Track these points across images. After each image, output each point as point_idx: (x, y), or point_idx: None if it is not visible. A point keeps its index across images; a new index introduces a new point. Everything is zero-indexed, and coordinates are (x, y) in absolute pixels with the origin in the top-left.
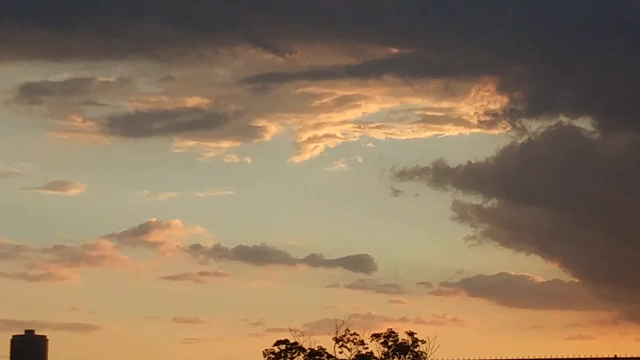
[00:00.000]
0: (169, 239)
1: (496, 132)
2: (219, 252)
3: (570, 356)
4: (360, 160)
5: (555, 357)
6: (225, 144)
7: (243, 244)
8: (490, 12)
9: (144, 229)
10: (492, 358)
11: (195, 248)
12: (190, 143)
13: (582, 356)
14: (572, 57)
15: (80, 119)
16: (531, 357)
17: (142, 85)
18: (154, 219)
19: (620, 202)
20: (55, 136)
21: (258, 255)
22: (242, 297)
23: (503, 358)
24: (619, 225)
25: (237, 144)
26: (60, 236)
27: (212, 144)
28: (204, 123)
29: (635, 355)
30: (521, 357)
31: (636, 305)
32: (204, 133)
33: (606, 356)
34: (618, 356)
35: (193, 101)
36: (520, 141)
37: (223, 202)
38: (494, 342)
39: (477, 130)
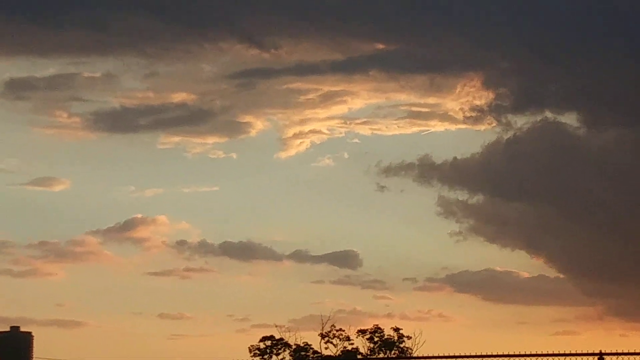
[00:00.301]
0: (155, 235)
1: (482, 127)
2: (204, 248)
3: (556, 351)
4: (346, 155)
5: (540, 352)
6: (211, 140)
7: (229, 239)
8: (476, 8)
9: (129, 224)
10: (477, 354)
11: (181, 244)
12: (176, 139)
13: (567, 351)
14: (557, 53)
15: (65, 115)
16: (516, 353)
17: (128, 80)
18: (139, 215)
19: (605, 197)
20: (41, 132)
21: (244, 251)
22: (227, 293)
23: (488, 353)
24: (604, 221)
25: (223, 139)
26: (46, 232)
27: (198, 140)
28: (190, 119)
29: (620, 350)
30: (506, 353)
31: (621, 301)
32: (190, 129)
33: (591, 351)
34: (603, 351)
35: (179, 97)
36: (505, 137)
37: (209, 198)
38: (480, 337)
39: (462, 126)
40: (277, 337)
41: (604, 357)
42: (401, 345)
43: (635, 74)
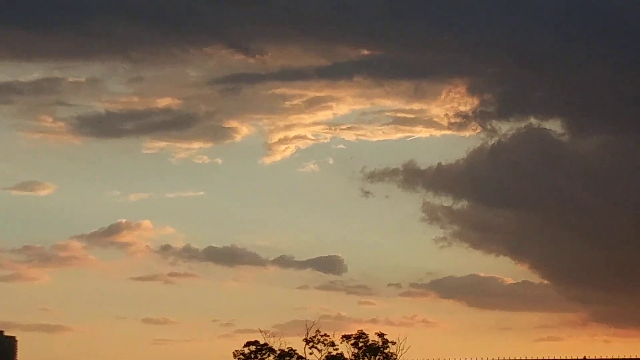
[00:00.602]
0: (139, 240)
1: (466, 133)
2: (189, 253)
3: (540, 357)
4: (331, 161)
5: (524, 358)
6: (196, 145)
7: (213, 244)
8: (461, 14)
9: (114, 229)
10: (461, 359)
11: (165, 249)
12: (161, 144)
13: (551, 357)
14: (542, 60)
15: (50, 119)
16: (500, 358)
17: (113, 85)
18: (124, 220)
19: (589, 204)
20: (26, 136)
21: (228, 256)
22: (212, 298)
23: (473, 359)
24: (588, 227)
25: (208, 144)
26: (30, 237)
27: (183, 145)
28: (175, 124)
29: (604, 357)
30: (490, 358)
31: (605, 307)
32: (175, 134)
33: (575, 357)
34: (587, 357)
35: (164, 102)
36: (490, 143)
37: (193, 203)
38: (464, 343)
39: (447, 132)
40: (262, 342)
41: None
42: (386, 351)
43: (619, 81)
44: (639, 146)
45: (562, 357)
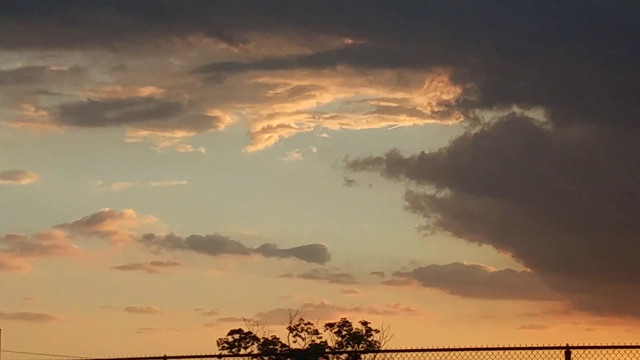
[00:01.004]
0: (122, 229)
1: (450, 122)
2: (172, 241)
3: (523, 345)
4: (314, 150)
5: (507, 346)
6: (179, 134)
7: (196, 233)
8: (444, 3)
9: (97, 218)
10: (445, 347)
11: (149, 238)
12: (144, 133)
13: (534, 345)
14: (525, 49)
15: (33, 108)
16: (483, 346)
17: (96, 74)
18: (107, 209)
19: (572, 193)
20: (8, 125)
21: (211, 245)
22: (195, 287)
23: (456, 347)
24: (571, 216)
25: (191, 133)
26: (13, 226)
27: (166, 134)
28: (158, 113)
29: (587, 344)
30: (474, 346)
31: (588, 295)
32: (158, 123)
33: (558, 345)
34: (570, 345)
35: (147, 90)
36: (473, 132)
37: (177, 192)
38: (447, 331)
39: (430, 121)
40: (245, 330)
41: (571, 350)
42: (369, 339)
43: (602, 70)
44: (623, 135)
45: (545, 345)
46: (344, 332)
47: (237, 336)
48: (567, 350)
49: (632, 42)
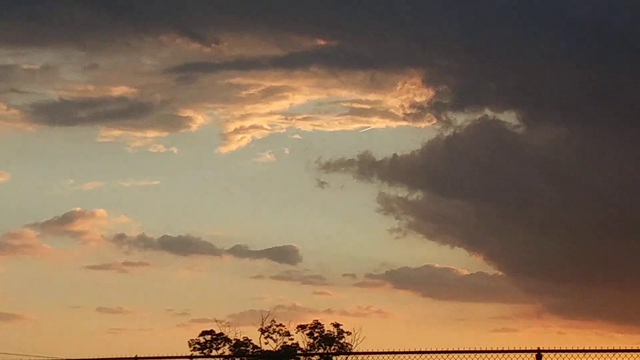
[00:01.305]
0: (93, 229)
1: (422, 125)
2: (143, 242)
3: (494, 348)
4: (287, 151)
5: (479, 349)
6: (151, 134)
7: (168, 234)
8: (417, 5)
9: (68, 218)
10: (416, 349)
11: (120, 237)
12: (116, 132)
13: (505, 348)
14: (497, 51)
15: (4, 107)
16: (455, 349)
17: (67, 73)
18: (78, 208)
19: (544, 195)
20: None
21: (183, 246)
22: (167, 287)
23: (428, 349)
24: (542, 219)
25: (164, 134)
26: None
27: (138, 134)
28: (130, 112)
29: (558, 348)
30: (445, 349)
31: (559, 299)
32: (130, 122)
33: (529, 348)
34: (541, 348)
35: (119, 90)
36: (445, 134)
37: (148, 192)
38: (419, 333)
39: (403, 123)
40: (217, 331)
41: (542, 354)
42: (341, 341)
43: (574, 73)
44: (595, 137)
45: (516, 348)
46: (315, 334)
47: (208, 337)
48: (539, 353)
49: (605, 43)
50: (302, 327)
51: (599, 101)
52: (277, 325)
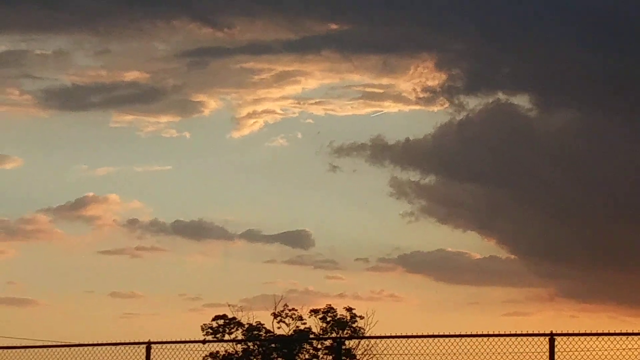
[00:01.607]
0: (106, 214)
1: (434, 109)
2: (156, 227)
3: (507, 332)
4: (299, 136)
5: (492, 332)
6: (164, 119)
7: (181, 218)
8: None
9: (80, 203)
10: (429, 333)
11: (132, 223)
12: (129, 117)
13: (518, 332)
14: (510, 35)
15: (17, 92)
16: (468, 333)
17: (80, 58)
18: (91, 194)
19: (556, 179)
20: None
21: (195, 230)
22: (180, 272)
23: (440, 333)
24: (555, 203)
25: (177, 118)
26: None
27: (151, 119)
28: (142, 97)
29: (570, 331)
30: (457, 333)
31: (572, 282)
32: (143, 107)
33: (542, 332)
34: (554, 332)
35: (131, 75)
36: (458, 118)
37: (161, 177)
38: (432, 318)
39: (415, 107)
40: (230, 316)
41: (555, 337)
42: (354, 325)
43: (587, 57)
44: (608, 122)
45: (529, 332)
46: (328, 318)
47: (221, 322)
48: (552, 337)
49: (617, 28)
50: (314, 312)
51: (612, 86)
52: (289, 310)
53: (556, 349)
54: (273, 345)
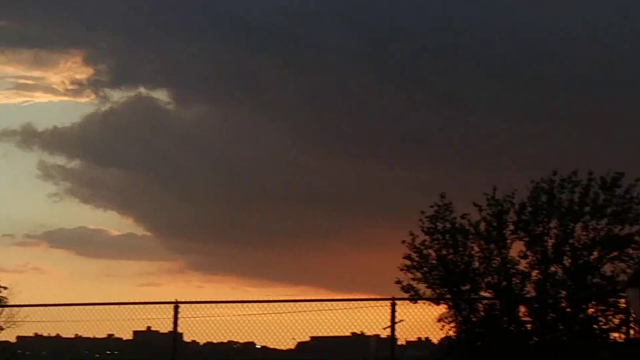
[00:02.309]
0: None
1: (82, 100)
2: None
3: (140, 300)
4: None
5: (125, 301)
6: None
7: None
8: None
9: None
10: (69, 302)
11: None
12: None
13: (148, 300)
14: (152, 34)
15: None
16: (105, 302)
17: None
18: None
19: (188, 166)
20: None
21: None
22: None
23: (80, 302)
24: (187, 186)
25: None
26: None
27: None
28: None
29: (194, 300)
30: (96, 302)
31: (200, 256)
32: None
33: (169, 300)
34: (178, 300)
35: None
36: (103, 109)
37: None
38: (73, 288)
39: (64, 98)
40: None
41: (179, 305)
42: None
43: (219, 55)
44: (234, 115)
45: (159, 300)
46: None
47: None
48: (176, 304)
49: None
50: None
51: (237, 82)
52: None
53: (180, 316)
54: None
